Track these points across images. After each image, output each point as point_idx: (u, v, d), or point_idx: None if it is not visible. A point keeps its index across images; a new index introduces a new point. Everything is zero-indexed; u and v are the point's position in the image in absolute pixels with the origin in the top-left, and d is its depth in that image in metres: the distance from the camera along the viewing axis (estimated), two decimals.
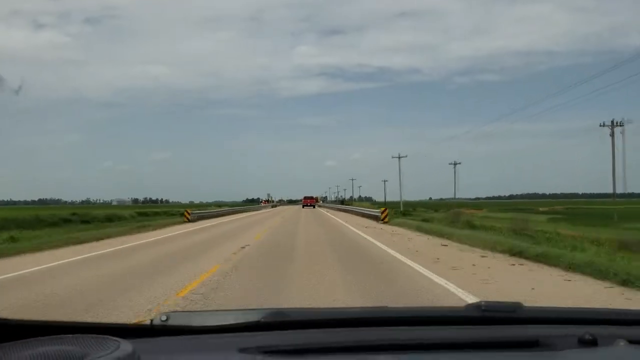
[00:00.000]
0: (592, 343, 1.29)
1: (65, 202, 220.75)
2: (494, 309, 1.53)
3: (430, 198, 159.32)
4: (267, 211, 59.99)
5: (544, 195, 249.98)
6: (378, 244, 14.81)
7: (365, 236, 17.81)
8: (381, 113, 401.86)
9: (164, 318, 1.37)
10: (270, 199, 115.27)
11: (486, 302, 1.56)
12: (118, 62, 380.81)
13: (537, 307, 1.63)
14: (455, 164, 77.86)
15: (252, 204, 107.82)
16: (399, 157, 68.42)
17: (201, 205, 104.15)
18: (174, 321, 1.38)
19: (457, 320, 1.54)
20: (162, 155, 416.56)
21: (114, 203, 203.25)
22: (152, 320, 1.39)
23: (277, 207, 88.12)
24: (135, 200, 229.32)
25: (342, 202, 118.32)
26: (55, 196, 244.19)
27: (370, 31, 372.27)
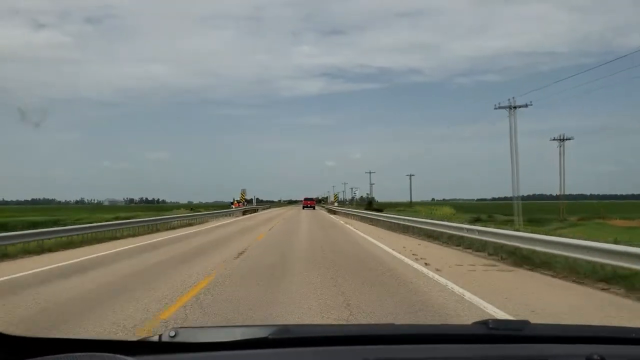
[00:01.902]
0: None
1: (59, 202, 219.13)
2: (502, 326, 1.52)
3: (433, 199, 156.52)
4: (210, 229, 24.43)
5: (550, 197, 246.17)
6: None
7: None
8: (383, 112, 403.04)
9: (172, 334, 1.36)
10: (243, 200, 63.90)
11: (493, 319, 1.55)
12: (116, 61, 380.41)
13: (544, 324, 1.61)
14: (562, 139, 51.62)
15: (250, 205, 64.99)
16: (513, 107, 32.64)
17: (200, 206, 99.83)
18: (182, 337, 1.37)
19: (464, 339, 1.53)
20: (161, 154, 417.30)
21: (106, 203, 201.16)
22: (160, 336, 1.38)
23: (262, 214, 51.18)
24: (130, 200, 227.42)
25: (370, 204, 76.80)
26: (50, 196, 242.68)
27: (371, 31, 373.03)
